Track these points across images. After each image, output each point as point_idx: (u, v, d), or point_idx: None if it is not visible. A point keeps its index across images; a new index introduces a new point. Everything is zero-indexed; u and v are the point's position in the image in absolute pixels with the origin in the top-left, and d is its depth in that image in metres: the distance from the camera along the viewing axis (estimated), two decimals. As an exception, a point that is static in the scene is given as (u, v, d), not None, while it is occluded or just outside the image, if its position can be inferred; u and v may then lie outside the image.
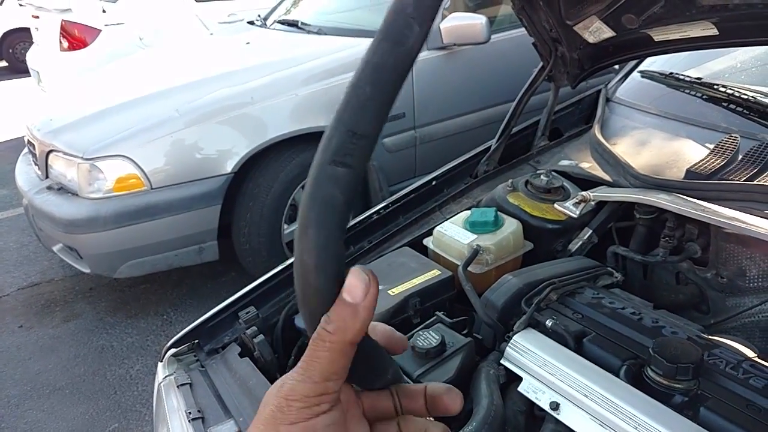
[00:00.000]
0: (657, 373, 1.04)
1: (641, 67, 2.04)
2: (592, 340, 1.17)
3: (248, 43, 3.75)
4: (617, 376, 1.08)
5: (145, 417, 2.44)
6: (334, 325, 0.38)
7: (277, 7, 4.28)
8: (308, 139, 3.02)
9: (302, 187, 3.02)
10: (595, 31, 1.66)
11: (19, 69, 8.90)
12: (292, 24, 3.80)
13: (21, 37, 9.19)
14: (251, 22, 4.26)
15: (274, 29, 3.92)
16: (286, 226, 3.05)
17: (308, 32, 3.61)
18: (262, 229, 2.96)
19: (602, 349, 1.15)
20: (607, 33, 1.64)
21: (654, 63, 2.03)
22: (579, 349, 1.17)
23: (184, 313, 3.10)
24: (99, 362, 2.79)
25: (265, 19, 4.17)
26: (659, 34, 1.57)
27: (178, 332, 1.43)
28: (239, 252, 3.05)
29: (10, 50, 9.57)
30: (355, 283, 0.38)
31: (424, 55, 3.23)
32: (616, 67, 2.10)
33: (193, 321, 1.44)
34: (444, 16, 3.24)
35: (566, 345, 1.17)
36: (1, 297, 3.37)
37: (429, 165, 3.40)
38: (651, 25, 1.54)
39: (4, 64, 9.88)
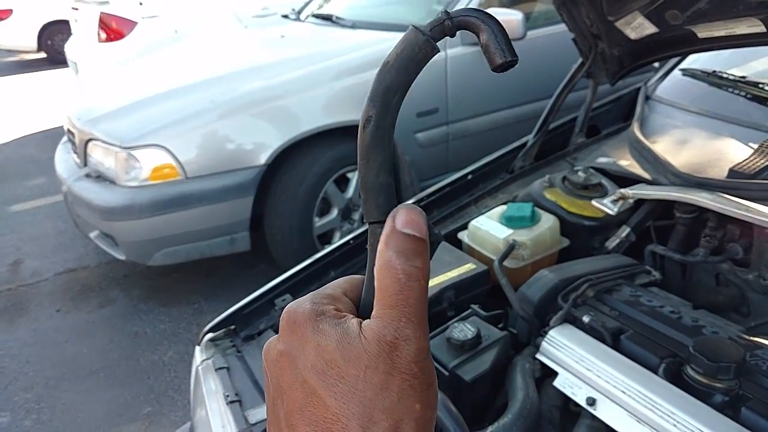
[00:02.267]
0: (697, 371, 1.04)
1: (682, 65, 2.01)
2: (630, 337, 1.17)
3: (282, 36, 3.78)
4: (656, 373, 1.08)
5: (178, 402, 2.49)
6: (421, 260, 0.35)
7: (311, 1, 4.31)
8: (340, 133, 3.04)
9: (334, 181, 3.07)
10: (638, 27, 1.64)
11: (57, 60, 9.11)
12: (326, 18, 3.82)
13: (60, 28, 9.40)
14: (285, 16, 4.29)
15: (308, 23, 3.95)
16: (317, 219, 3.08)
17: (342, 26, 3.63)
18: (293, 221, 2.99)
19: (640, 347, 1.14)
20: (650, 29, 1.62)
21: (696, 61, 1.99)
22: (616, 346, 1.16)
23: (215, 302, 3.15)
24: (133, 347, 2.85)
25: (299, 12, 4.20)
26: (704, 31, 1.55)
27: (209, 321, 1.46)
28: (270, 243, 3.08)
29: (49, 42, 9.79)
30: (416, 218, 0.36)
31: (458, 50, 3.23)
32: (656, 65, 2.07)
33: (224, 310, 1.47)
34: (479, 12, 3.22)
35: (603, 341, 1.17)
36: (40, 282, 3.47)
37: (461, 161, 3.38)
38: (696, 22, 1.52)
39: (43, 55, 10.12)
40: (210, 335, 1.41)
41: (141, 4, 5.35)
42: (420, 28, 0.36)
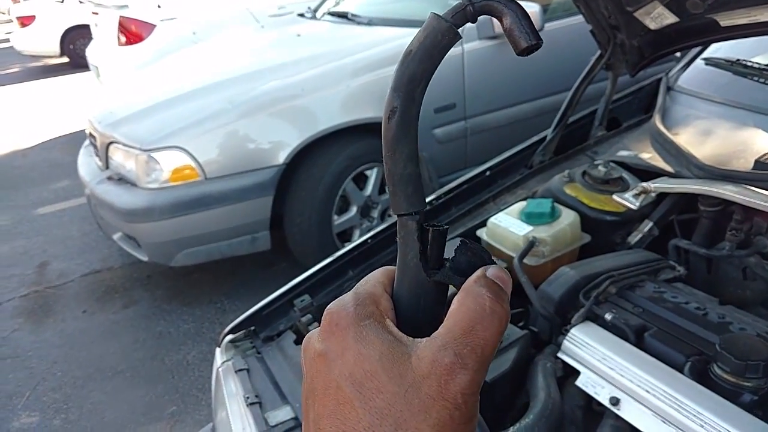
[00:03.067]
0: (724, 370, 1.01)
1: (705, 54, 1.96)
2: (654, 335, 1.14)
3: (299, 35, 3.78)
4: (681, 372, 1.05)
5: (202, 402, 2.52)
6: (506, 306, 0.35)
7: (326, -1, 4.30)
8: (358, 130, 3.03)
9: (352, 179, 3.07)
10: (657, 16, 1.60)
11: (79, 64, 9.23)
12: (342, 15, 3.81)
13: (81, 33, 9.53)
14: (301, 15, 4.29)
15: (324, 21, 3.94)
16: (336, 217, 3.08)
17: (358, 23, 3.62)
18: (313, 219, 3.00)
19: (665, 345, 1.11)
20: (670, 18, 1.58)
21: (719, 49, 1.94)
22: (640, 344, 1.14)
23: (237, 301, 3.17)
24: (157, 347, 2.89)
25: (315, 11, 4.19)
26: (726, 19, 1.50)
27: (232, 320, 1.47)
28: (291, 242, 3.10)
29: (71, 46, 9.94)
30: (505, 277, 0.36)
31: (475, 44, 3.20)
32: (678, 54, 2.02)
33: (246, 309, 1.47)
34: (495, 5, 3.19)
35: (626, 339, 1.15)
36: (66, 283, 3.53)
37: (480, 156, 3.36)
38: (718, 10, 1.48)
39: (65, 59, 10.28)
40: (230, 337, 1.42)
41: (159, 6, 5.40)
42: (441, 15, 0.35)
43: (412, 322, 0.36)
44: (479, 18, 0.37)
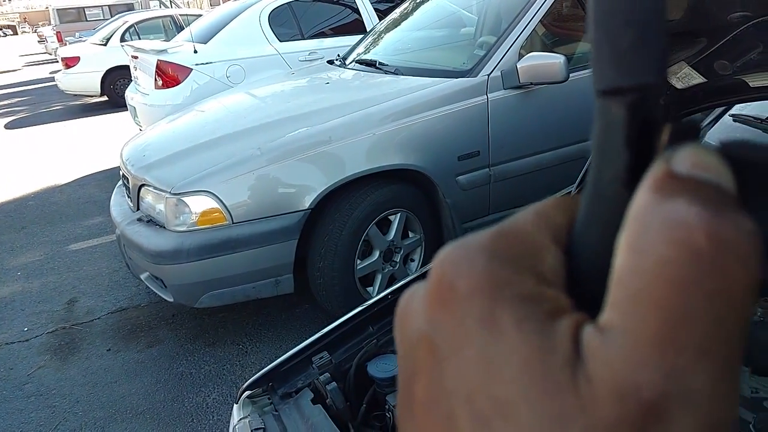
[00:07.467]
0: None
1: (733, 111, 1.94)
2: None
3: (328, 82, 3.87)
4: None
5: (219, 448, 2.50)
6: (749, 225, 0.16)
7: (356, 47, 4.40)
8: (383, 176, 3.06)
9: (376, 224, 3.09)
10: (684, 77, 1.60)
11: (118, 104, 9.58)
12: (370, 64, 3.89)
13: (121, 74, 9.94)
14: (331, 62, 4.39)
15: (353, 69, 4.03)
16: (359, 261, 3.08)
17: (386, 72, 3.69)
18: (335, 263, 3.01)
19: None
20: (697, 79, 1.58)
21: (748, 106, 1.93)
22: None
23: (259, 343, 3.17)
24: (178, 389, 2.89)
25: (344, 58, 4.29)
26: (756, 80, 1.50)
27: (253, 362, 1.47)
28: (313, 285, 3.10)
29: (111, 86, 10.35)
30: (712, 163, 0.18)
31: (499, 94, 3.22)
32: (706, 109, 2.01)
33: (268, 351, 1.48)
34: (521, 56, 3.23)
35: None
36: (93, 320, 3.58)
37: (503, 203, 3.35)
38: (747, 72, 1.47)
39: (104, 99, 10.68)
40: (248, 392, 1.41)
41: (196, 51, 5.59)
42: None
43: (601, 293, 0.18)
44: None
